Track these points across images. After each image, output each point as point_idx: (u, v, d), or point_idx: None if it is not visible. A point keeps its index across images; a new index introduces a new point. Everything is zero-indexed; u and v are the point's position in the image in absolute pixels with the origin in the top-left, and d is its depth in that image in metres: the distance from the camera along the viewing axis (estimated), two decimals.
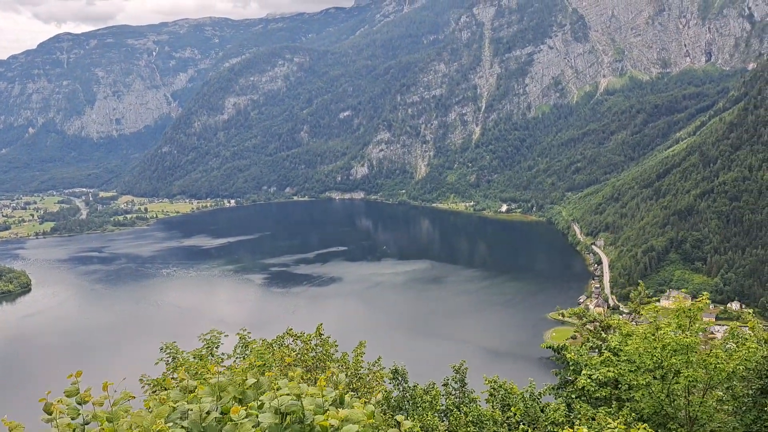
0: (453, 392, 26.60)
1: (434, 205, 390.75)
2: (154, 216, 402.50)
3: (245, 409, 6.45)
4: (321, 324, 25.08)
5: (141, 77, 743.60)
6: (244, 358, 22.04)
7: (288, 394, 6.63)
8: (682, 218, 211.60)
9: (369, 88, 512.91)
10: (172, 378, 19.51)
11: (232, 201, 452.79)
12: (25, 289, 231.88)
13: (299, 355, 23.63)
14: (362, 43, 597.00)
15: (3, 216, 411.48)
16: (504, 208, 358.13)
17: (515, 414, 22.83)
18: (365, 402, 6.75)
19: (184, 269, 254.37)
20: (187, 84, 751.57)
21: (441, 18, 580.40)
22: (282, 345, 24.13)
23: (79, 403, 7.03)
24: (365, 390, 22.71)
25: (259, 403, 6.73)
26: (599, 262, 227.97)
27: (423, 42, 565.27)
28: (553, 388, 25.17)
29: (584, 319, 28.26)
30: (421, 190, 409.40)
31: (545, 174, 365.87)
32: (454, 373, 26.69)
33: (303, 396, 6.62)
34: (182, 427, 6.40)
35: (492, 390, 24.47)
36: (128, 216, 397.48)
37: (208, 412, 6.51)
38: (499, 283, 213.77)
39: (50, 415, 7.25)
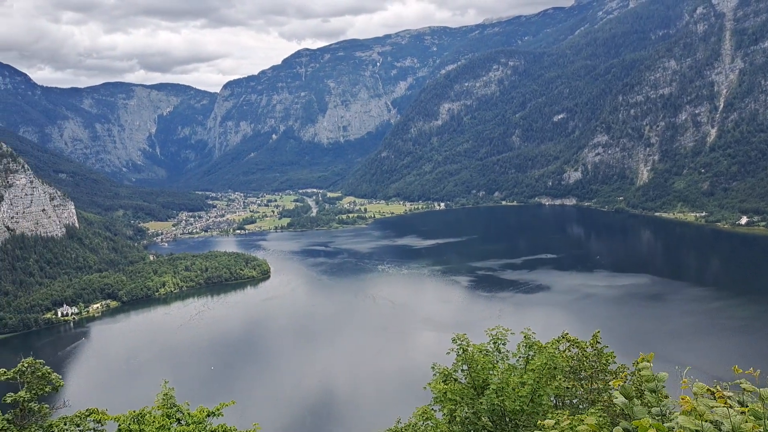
0: None
1: (657, 214, 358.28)
2: (372, 216, 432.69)
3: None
4: (598, 331, 23.60)
5: (366, 87, 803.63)
6: (528, 359, 21.25)
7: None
8: None
9: (587, 89, 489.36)
10: (462, 369, 20.16)
11: (442, 204, 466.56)
12: (266, 275, 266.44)
13: (578, 362, 22.36)
14: (581, 43, 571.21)
15: (250, 211, 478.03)
16: (744, 220, 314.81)
17: None
18: None
19: (396, 266, 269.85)
20: (405, 92, 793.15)
21: (673, 11, 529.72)
22: (557, 349, 22.75)
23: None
24: None
25: None
26: None
27: (651, 38, 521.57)
28: None
29: None
30: (642, 198, 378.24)
31: None
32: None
33: None
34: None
35: None
36: (350, 215, 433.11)
37: None
38: (734, 305, 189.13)
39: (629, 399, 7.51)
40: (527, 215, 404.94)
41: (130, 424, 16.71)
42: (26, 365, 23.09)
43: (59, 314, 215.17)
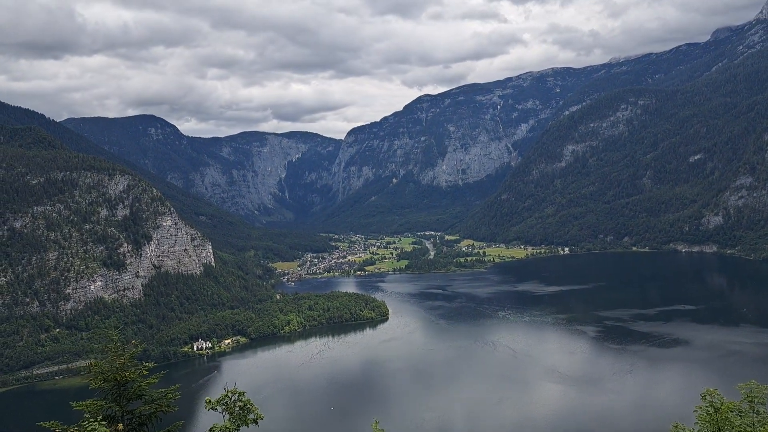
0: None
1: None
2: (491, 260, 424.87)
3: None
4: None
5: (486, 130, 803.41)
6: None
7: None
8: None
9: (726, 128, 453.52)
10: None
11: (566, 249, 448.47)
12: (384, 317, 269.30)
13: None
14: (719, 79, 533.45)
15: (370, 253, 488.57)
16: None
17: None
18: None
19: (517, 313, 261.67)
20: (527, 134, 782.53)
21: None
22: None
23: None
24: None
25: None
26: None
27: None
28: None
29: None
30: None
31: None
32: None
33: None
34: None
35: None
36: (468, 258, 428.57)
37: None
38: None
39: None
40: (661, 262, 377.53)
41: None
42: (231, 395, 23.50)
43: (195, 348, 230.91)
